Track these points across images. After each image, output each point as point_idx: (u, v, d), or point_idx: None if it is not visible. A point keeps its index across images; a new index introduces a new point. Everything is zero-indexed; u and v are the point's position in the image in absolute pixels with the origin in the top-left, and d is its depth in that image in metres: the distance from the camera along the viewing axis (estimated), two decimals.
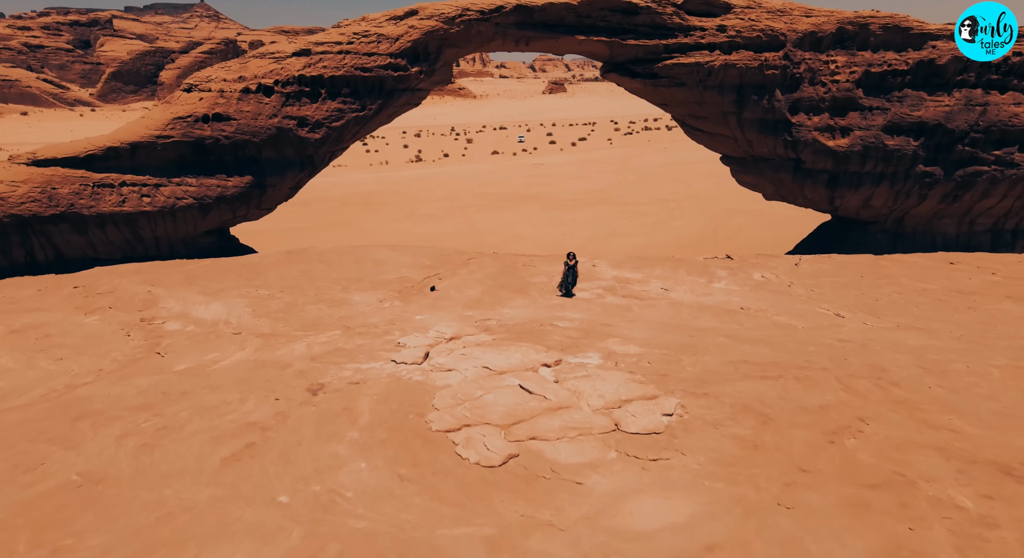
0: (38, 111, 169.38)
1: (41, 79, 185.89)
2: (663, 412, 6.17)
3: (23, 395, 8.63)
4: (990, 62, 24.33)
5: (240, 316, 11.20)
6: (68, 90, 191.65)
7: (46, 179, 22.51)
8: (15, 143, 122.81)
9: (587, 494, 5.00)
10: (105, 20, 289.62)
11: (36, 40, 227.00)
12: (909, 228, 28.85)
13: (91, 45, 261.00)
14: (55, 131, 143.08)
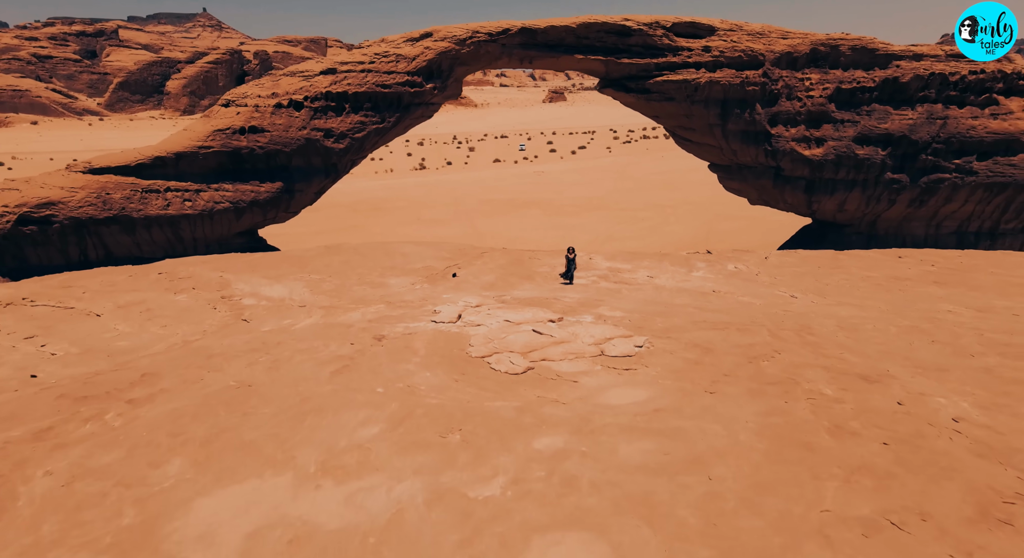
0: (48, 120, 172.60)
1: (50, 89, 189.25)
2: (635, 345, 8.72)
3: (149, 349, 11.19)
4: (948, 80, 26.93)
5: (301, 294, 13.74)
6: (76, 100, 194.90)
7: (101, 185, 25.13)
8: (29, 152, 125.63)
9: (580, 387, 7.55)
10: (111, 31, 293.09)
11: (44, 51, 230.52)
12: (882, 231, 31.42)
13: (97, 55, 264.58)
14: (65, 140, 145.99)
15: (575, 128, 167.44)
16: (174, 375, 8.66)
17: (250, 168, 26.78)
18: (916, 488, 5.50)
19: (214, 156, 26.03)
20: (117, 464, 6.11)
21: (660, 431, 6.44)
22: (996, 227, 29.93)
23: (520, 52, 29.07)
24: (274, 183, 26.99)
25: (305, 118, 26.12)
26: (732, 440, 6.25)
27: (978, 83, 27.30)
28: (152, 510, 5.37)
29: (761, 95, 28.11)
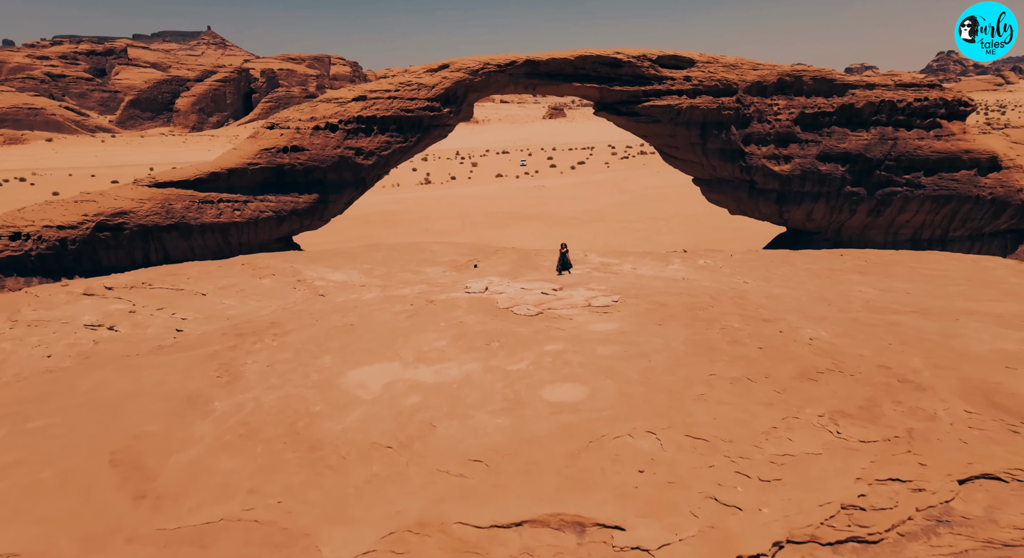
0: (62, 138, 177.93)
1: (63, 107, 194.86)
2: (612, 300, 12.63)
3: (256, 314, 15.08)
4: (897, 106, 31.05)
5: (358, 278, 17.63)
6: (88, 117, 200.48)
7: (164, 197, 29.14)
8: (48, 168, 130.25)
9: (573, 322, 11.43)
10: (120, 50, 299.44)
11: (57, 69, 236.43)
12: (846, 238, 35.39)
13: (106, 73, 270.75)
14: (81, 157, 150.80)
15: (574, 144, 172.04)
16: (293, 322, 12.56)
17: (290, 182, 30.80)
18: (768, 365, 9.40)
19: (260, 171, 30.05)
20: (291, 359, 9.99)
21: (623, 342, 10.34)
22: (946, 235, 33.89)
23: (525, 81, 33.20)
24: (311, 194, 30.98)
25: (339, 138, 30.17)
26: (666, 345, 10.16)
27: (923, 109, 31.38)
28: (326, 375, 9.26)
29: (735, 118, 32.16)
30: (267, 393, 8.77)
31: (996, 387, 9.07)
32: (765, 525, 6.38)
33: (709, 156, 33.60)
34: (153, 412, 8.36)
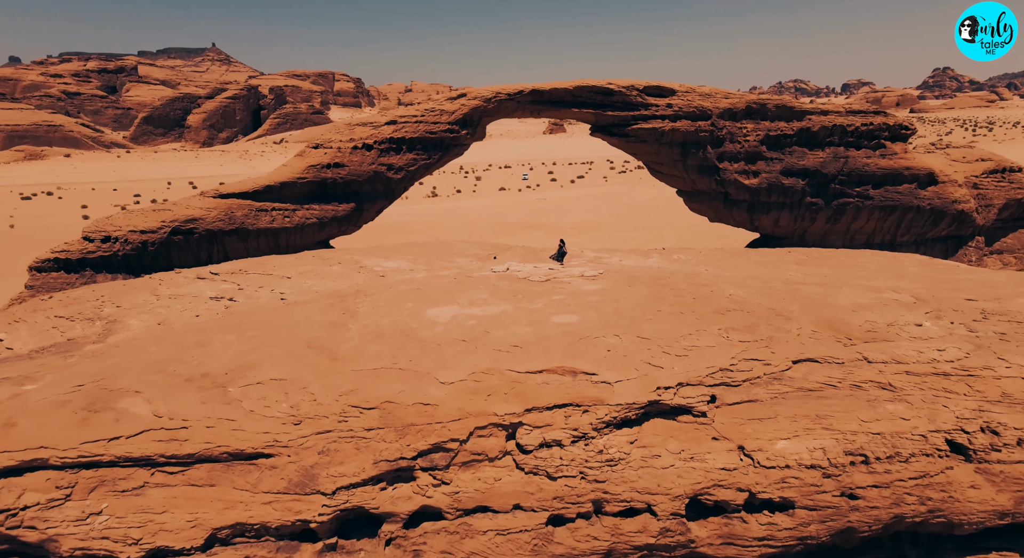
0: (79, 153, 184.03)
1: (80, 123, 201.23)
2: (598, 272, 17.96)
3: (339, 287, 20.34)
4: (847, 129, 36.51)
5: (406, 265, 22.90)
6: (103, 134, 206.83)
7: (227, 206, 34.52)
8: (71, 182, 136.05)
9: (571, 285, 16.74)
10: (131, 67, 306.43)
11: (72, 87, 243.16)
12: (810, 242, 40.67)
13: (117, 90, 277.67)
14: (99, 171, 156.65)
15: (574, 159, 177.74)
16: (373, 289, 17.85)
17: (331, 193, 36.10)
18: (695, 306, 14.71)
19: (307, 184, 35.38)
20: (385, 305, 15.28)
21: (602, 294, 15.64)
22: (894, 240, 39.21)
23: (531, 106, 38.65)
24: (349, 204, 36.29)
25: (374, 156, 35.52)
26: (631, 296, 15.46)
27: (869, 132, 36.77)
28: (413, 311, 14.54)
29: (711, 139, 37.50)
30: (380, 319, 14.07)
31: (839, 320, 14.41)
32: (674, 375, 11.71)
33: (689, 171, 38.92)
34: (315, 328, 13.65)
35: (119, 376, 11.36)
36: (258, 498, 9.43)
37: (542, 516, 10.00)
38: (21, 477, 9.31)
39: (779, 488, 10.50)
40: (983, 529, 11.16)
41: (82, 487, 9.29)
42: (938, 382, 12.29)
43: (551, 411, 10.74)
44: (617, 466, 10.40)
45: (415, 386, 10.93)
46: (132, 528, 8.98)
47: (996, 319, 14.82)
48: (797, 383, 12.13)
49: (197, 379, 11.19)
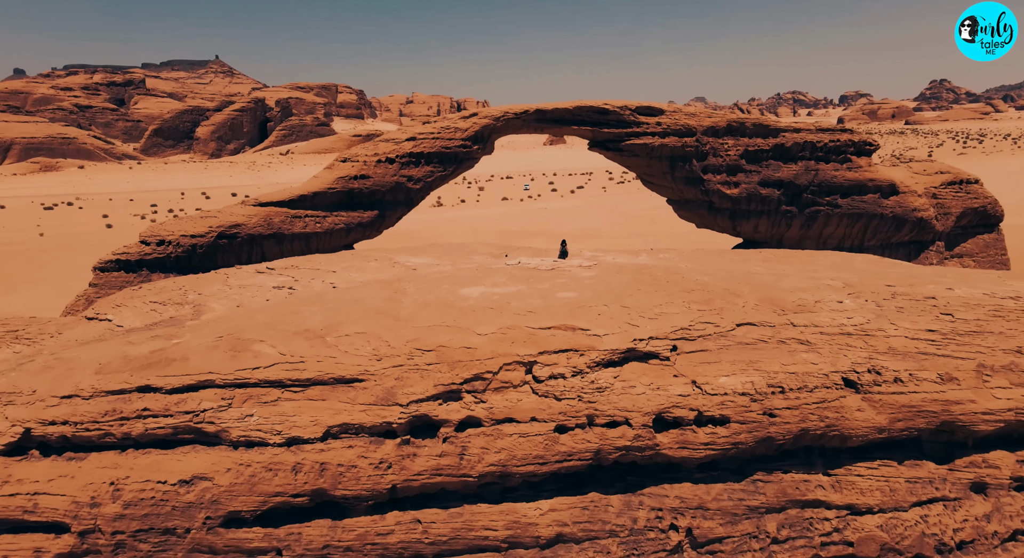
0: (92, 165, 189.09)
1: (93, 136, 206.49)
2: (593, 263, 22.34)
3: (380, 277, 24.70)
4: (816, 145, 40.95)
5: (432, 261, 27.23)
6: (114, 146, 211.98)
7: (267, 213, 38.92)
8: (90, 193, 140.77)
9: (570, 272, 21.10)
10: (139, 80, 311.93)
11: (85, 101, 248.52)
12: (787, 246, 45.00)
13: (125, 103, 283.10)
14: (114, 183, 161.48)
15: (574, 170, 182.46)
16: (410, 278, 22.19)
17: (357, 201, 40.44)
18: (668, 287, 19.08)
19: (336, 194, 39.74)
20: (426, 287, 19.60)
21: (596, 279, 19.97)
22: (862, 244, 43.57)
23: (535, 124, 43.09)
24: (373, 211, 40.62)
25: (396, 169, 39.90)
26: (619, 280, 19.80)
27: (836, 147, 41.20)
28: (450, 290, 18.87)
29: (696, 153, 41.86)
30: (425, 295, 18.43)
31: (777, 298, 18.76)
32: (647, 331, 16.05)
33: (677, 182, 43.27)
34: (376, 302, 18.00)
35: (245, 331, 15.72)
36: (356, 408, 13.76)
37: (551, 425, 14.30)
38: (198, 392, 13.64)
39: (719, 408, 14.81)
40: (867, 442, 15.46)
41: (238, 399, 13.62)
42: (843, 339, 16.65)
43: (557, 354, 15.08)
44: (604, 392, 14.72)
45: (459, 336, 15.28)
46: (274, 425, 13.31)
47: (901, 298, 19.19)
48: (738, 339, 16.47)
49: (301, 333, 15.54)
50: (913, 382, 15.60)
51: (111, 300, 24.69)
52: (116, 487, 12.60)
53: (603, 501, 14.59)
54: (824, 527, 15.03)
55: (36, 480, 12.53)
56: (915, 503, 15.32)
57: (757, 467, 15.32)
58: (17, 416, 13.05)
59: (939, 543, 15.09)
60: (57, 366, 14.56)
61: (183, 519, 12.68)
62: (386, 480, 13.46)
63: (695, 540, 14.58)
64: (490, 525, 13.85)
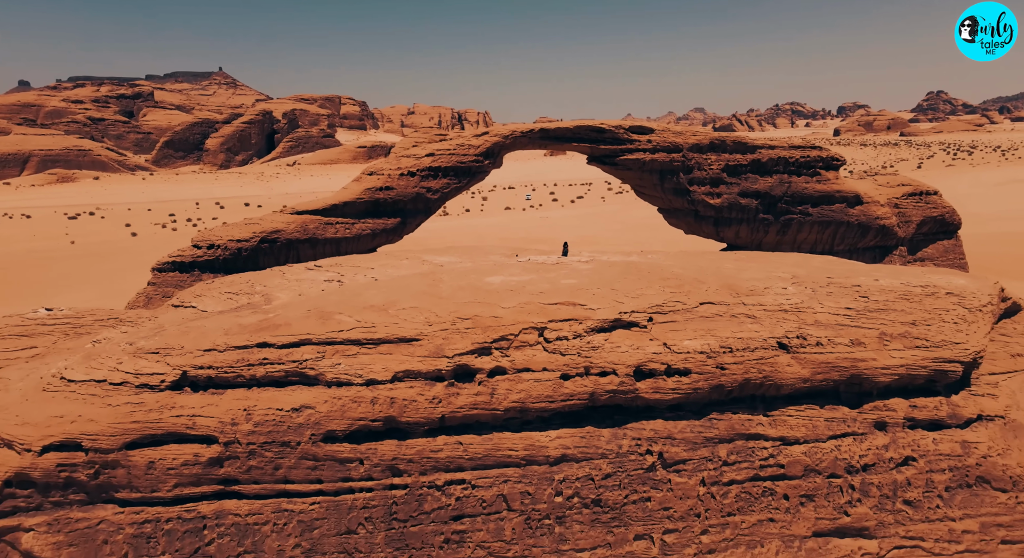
0: (107, 176, 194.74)
1: (106, 148, 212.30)
2: (590, 259, 27.47)
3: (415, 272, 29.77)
4: (788, 161, 46.13)
5: (455, 260, 32.32)
6: (127, 157, 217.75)
7: (303, 221, 44.06)
8: (109, 203, 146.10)
9: (572, 266, 26.22)
10: (147, 93, 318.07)
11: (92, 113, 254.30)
12: (765, 250, 50.08)
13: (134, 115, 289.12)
14: (130, 193, 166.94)
15: (574, 180, 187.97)
16: (442, 271, 27.28)
17: (382, 209, 45.50)
18: (650, 276, 24.21)
19: (363, 204, 44.83)
20: (457, 277, 24.68)
21: (593, 271, 25.06)
22: (832, 249, 48.64)
23: (540, 142, 48.26)
24: (395, 219, 45.71)
25: (416, 181, 45.03)
26: (611, 271, 24.90)
27: (807, 162, 46.35)
28: (477, 278, 23.96)
29: (682, 167, 46.94)
30: (458, 282, 23.52)
31: (735, 285, 23.86)
32: (630, 307, 21.22)
33: (666, 193, 48.35)
34: (420, 287, 23.07)
35: (326, 307, 20.82)
36: (415, 359, 18.83)
37: (557, 373, 19.33)
38: (300, 348, 18.72)
39: (683, 363, 19.85)
40: (796, 391, 20.49)
41: (329, 353, 18.69)
42: (780, 314, 21.73)
43: (562, 322, 20.17)
44: (597, 350, 19.78)
45: (488, 309, 20.37)
46: (356, 370, 18.37)
47: (833, 286, 24.29)
48: (700, 314, 21.55)
49: (368, 308, 20.63)
50: (831, 345, 20.69)
51: (191, 291, 29.80)
52: (248, 412, 17.65)
53: (596, 432, 19.63)
54: (763, 453, 20.05)
55: (192, 407, 17.57)
56: (831, 436, 20.36)
57: (712, 409, 20.35)
58: (176, 363, 18.14)
59: (848, 465, 20.13)
60: (192, 331, 19.66)
61: (295, 435, 17.72)
62: (437, 412, 18.51)
63: (665, 461, 19.61)
64: (513, 447, 18.89)
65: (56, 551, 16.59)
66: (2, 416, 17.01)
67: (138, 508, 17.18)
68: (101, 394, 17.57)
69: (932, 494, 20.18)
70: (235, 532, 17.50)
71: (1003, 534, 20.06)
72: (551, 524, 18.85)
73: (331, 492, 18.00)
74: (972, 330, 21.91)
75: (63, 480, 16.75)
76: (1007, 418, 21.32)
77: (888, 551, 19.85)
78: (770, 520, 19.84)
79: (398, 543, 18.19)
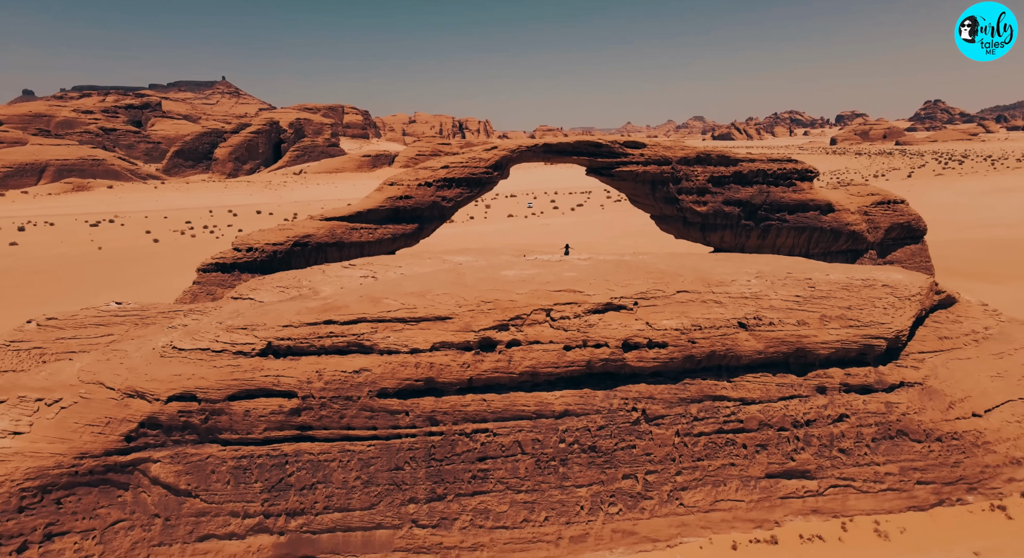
0: (120, 185, 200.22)
1: (119, 157, 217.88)
2: (589, 258, 32.52)
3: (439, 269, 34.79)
4: (767, 173, 51.24)
5: (471, 259, 37.31)
6: (139, 166, 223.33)
7: (331, 226, 49.11)
8: (127, 211, 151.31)
9: (572, 263, 31.27)
10: (155, 103, 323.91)
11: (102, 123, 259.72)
12: (748, 252, 55.08)
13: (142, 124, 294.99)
14: (144, 202, 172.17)
15: (574, 189, 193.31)
16: (463, 267, 32.30)
17: (401, 216, 50.52)
18: (637, 269, 29.28)
19: (385, 211, 49.87)
20: (477, 271, 29.70)
21: (590, 266, 30.10)
22: (808, 252, 53.66)
23: (543, 155, 53.37)
24: (413, 224, 50.74)
25: (433, 191, 50.10)
26: (605, 267, 29.94)
27: (783, 174, 51.43)
28: (495, 271, 28.99)
29: (672, 178, 51.98)
30: (478, 275, 28.53)
31: (707, 278, 28.95)
32: (620, 293, 26.35)
33: (658, 201, 53.39)
34: (448, 279, 28.09)
35: (374, 293, 25.85)
36: (448, 333, 23.84)
37: (561, 345, 24.31)
38: (357, 324, 23.74)
39: (661, 337, 24.84)
40: (753, 361, 25.47)
41: (380, 328, 23.72)
42: (742, 300, 26.75)
43: (564, 305, 25.19)
44: (593, 327, 24.78)
45: (505, 295, 25.40)
46: (403, 341, 23.38)
47: (789, 279, 29.30)
48: (676, 299, 26.55)
49: (408, 294, 25.65)
50: (781, 325, 25.70)
51: (247, 286, 34.85)
52: (319, 374, 22.66)
53: (592, 393, 24.60)
54: (726, 411, 25.02)
55: (276, 369, 22.57)
56: (781, 398, 25.35)
57: (685, 375, 25.33)
58: (262, 336, 23.17)
59: (794, 421, 25.09)
60: (270, 312, 24.70)
61: (355, 391, 22.71)
62: (466, 374, 23.51)
63: (647, 416, 24.58)
64: (525, 403, 23.87)
65: (176, 478, 21.56)
66: (134, 375, 22.03)
67: (236, 446, 22.15)
68: (207, 359, 22.61)
69: (861, 444, 25.14)
70: (310, 467, 22.46)
71: (918, 476, 25.01)
72: (556, 465, 23.78)
73: (384, 437, 22.95)
74: (898, 314, 26.95)
75: (182, 423, 21.74)
76: (924, 385, 26.30)
77: (826, 489, 24.80)
78: (731, 464, 24.77)
79: (435, 478, 23.13)
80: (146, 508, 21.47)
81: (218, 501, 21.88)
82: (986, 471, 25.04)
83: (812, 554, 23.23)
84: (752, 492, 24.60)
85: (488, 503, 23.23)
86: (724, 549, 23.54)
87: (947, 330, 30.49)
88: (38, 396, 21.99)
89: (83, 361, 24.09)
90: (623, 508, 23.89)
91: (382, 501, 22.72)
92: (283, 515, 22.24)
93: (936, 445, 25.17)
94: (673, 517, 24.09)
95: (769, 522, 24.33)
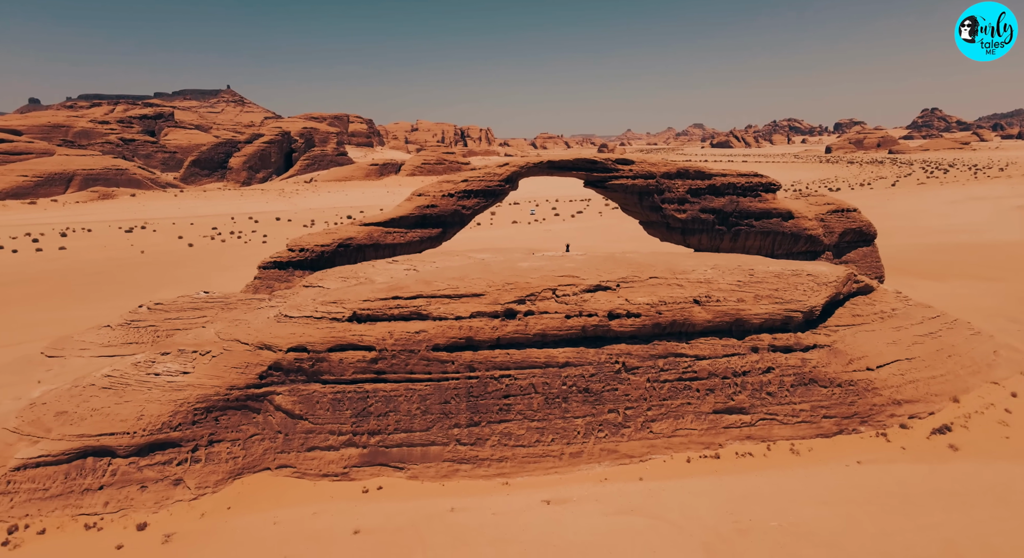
0: (142, 193, 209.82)
1: (139, 167, 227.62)
2: (584, 253, 41.76)
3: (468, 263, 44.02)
4: (737, 186, 60.46)
5: (491, 256, 46.44)
6: (158, 175, 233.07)
7: (369, 231, 58.33)
8: (155, 218, 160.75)
9: (571, 257, 40.49)
10: (168, 113, 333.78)
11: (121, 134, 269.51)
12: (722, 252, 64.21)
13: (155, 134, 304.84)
14: (167, 209, 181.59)
15: (574, 197, 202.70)
16: (487, 261, 41.51)
17: (427, 222, 59.65)
18: (621, 262, 38.55)
19: (414, 217, 59.03)
20: (499, 263, 38.87)
21: (586, 259, 39.27)
22: (772, 253, 62.88)
23: (547, 170, 62.61)
24: (437, 229, 59.90)
25: (455, 200, 59.28)
26: (598, 259, 39.12)
27: (751, 186, 60.62)
28: (512, 262, 38.18)
29: (656, 190, 61.08)
30: (500, 266, 37.74)
31: (674, 268, 38.29)
32: (607, 277, 35.69)
33: (645, 209, 62.54)
34: (478, 268, 37.29)
35: (425, 278, 35.09)
36: (482, 305, 33.07)
37: (563, 314, 33.49)
38: (415, 299, 33.01)
39: (637, 309, 34.03)
40: (705, 328, 34.65)
41: (432, 302, 32.97)
42: (698, 284, 35.98)
43: (566, 286, 34.43)
44: (586, 301, 33.99)
45: (522, 279, 34.64)
46: (449, 311, 32.62)
47: (737, 270, 38.53)
48: (649, 283, 35.73)
49: (451, 278, 34.87)
50: (725, 301, 34.88)
51: (315, 277, 44.08)
52: (391, 333, 31.86)
53: (586, 350, 33.75)
54: (684, 364, 34.17)
55: (360, 330, 31.78)
56: (724, 355, 34.49)
57: (655, 338, 34.48)
58: (348, 307, 32.40)
59: (734, 372, 34.24)
60: (351, 291, 33.92)
61: (416, 346, 31.88)
62: (495, 335, 32.69)
63: (626, 367, 33.74)
64: (538, 356, 33.03)
65: (292, 406, 30.73)
66: (261, 333, 31.28)
67: (333, 384, 31.32)
68: (311, 322, 31.85)
69: (783, 389, 34.26)
70: (384, 400, 31.60)
71: (824, 412, 34.12)
72: (560, 401, 32.91)
73: (436, 379, 32.10)
74: (814, 294, 36.15)
75: (296, 367, 30.93)
76: (832, 347, 35.45)
77: (756, 421, 33.89)
78: (688, 403, 33.88)
79: (473, 410, 32.25)
80: (272, 426, 30.64)
81: (320, 422, 31.02)
82: (874, 408, 34.16)
83: (745, 466, 32.30)
84: (703, 423, 33.66)
85: (511, 428, 32.31)
86: (681, 463, 32.58)
87: (861, 310, 39.67)
88: (193, 349, 31.23)
89: (216, 327, 33.34)
90: (608, 433, 32.96)
91: (435, 425, 31.81)
92: (365, 433, 31.36)
93: (837, 390, 34.30)
94: (645, 441, 33.14)
95: (715, 445, 33.39)
